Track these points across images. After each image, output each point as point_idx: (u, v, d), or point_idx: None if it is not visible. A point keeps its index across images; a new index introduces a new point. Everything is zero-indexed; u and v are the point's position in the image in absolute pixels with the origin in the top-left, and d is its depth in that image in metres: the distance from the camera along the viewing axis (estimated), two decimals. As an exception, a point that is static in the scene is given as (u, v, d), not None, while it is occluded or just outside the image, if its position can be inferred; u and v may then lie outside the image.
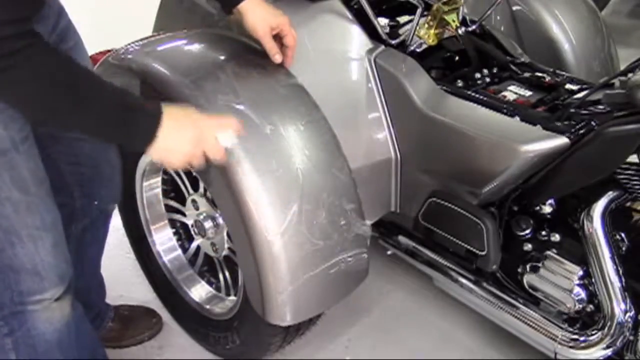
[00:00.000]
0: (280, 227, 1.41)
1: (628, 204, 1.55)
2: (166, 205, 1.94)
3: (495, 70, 1.88)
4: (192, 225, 1.82)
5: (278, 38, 1.54)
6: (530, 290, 1.65)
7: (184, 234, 1.97)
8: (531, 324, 1.64)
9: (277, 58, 1.54)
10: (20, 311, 1.34)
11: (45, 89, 1.10)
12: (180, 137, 1.24)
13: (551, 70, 1.87)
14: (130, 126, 1.20)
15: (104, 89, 1.18)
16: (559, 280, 1.59)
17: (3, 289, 1.31)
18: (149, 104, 1.23)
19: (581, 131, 1.50)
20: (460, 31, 1.87)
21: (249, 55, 1.59)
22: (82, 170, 1.60)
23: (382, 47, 1.79)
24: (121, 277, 2.17)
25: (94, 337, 1.62)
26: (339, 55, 1.80)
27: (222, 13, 1.56)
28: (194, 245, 1.93)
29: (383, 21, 1.89)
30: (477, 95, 1.71)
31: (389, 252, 2.00)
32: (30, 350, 1.39)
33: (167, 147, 1.23)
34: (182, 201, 1.84)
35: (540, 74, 1.81)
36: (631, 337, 1.51)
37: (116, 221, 1.92)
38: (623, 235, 1.56)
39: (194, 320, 1.92)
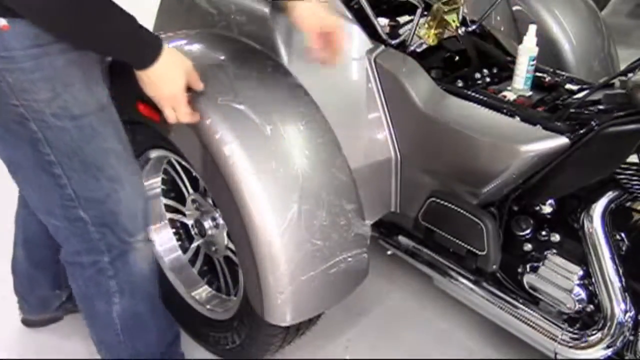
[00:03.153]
0: (280, 227, 1.41)
1: (628, 204, 1.55)
2: (166, 205, 1.94)
3: (495, 70, 1.89)
4: (192, 226, 1.82)
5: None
6: (530, 290, 1.65)
7: (184, 234, 1.97)
8: (531, 324, 1.64)
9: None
10: (125, 251, 1.48)
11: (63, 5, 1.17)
12: (175, 70, 1.33)
13: (551, 70, 1.86)
14: (139, 43, 1.28)
15: (117, 9, 1.24)
16: (559, 280, 1.59)
17: (110, 232, 1.44)
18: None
19: (581, 131, 1.50)
20: (460, 31, 1.87)
21: (249, 56, 1.59)
22: None
23: (382, 47, 1.79)
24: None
25: None
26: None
27: (222, 13, 1.56)
28: (194, 245, 1.93)
29: (383, 21, 1.88)
30: (477, 95, 1.71)
31: (389, 252, 2.00)
32: (132, 287, 1.54)
33: (163, 73, 1.31)
34: (182, 201, 1.84)
35: (540, 74, 1.81)
36: (631, 337, 1.51)
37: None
38: (623, 235, 1.56)
39: (194, 320, 1.91)
